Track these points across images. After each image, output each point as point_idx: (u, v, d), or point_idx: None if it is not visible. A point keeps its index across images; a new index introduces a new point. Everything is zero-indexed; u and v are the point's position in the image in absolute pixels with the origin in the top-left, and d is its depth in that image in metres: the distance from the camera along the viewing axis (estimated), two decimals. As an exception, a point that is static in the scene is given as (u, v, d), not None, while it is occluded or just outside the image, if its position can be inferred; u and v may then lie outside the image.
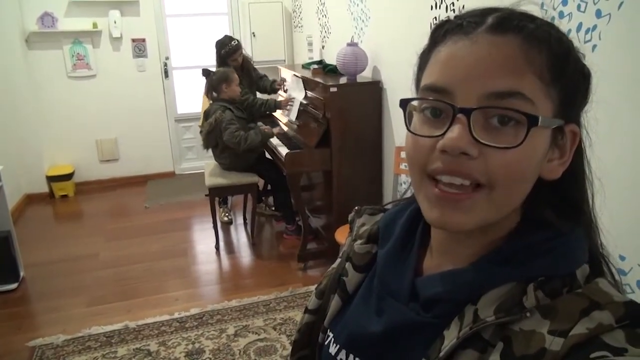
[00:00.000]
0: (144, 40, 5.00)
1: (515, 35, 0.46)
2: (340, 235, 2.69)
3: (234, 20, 5.36)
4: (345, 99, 3.07)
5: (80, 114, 4.94)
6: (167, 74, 5.22)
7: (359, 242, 0.66)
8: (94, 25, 4.78)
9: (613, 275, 0.53)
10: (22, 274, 3.21)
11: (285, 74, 4.12)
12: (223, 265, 3.49)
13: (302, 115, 3.52)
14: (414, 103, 0.51)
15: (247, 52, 4.19)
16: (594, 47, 1.49)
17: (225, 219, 4.12)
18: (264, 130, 3.48)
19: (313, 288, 0.72)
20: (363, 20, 3.32)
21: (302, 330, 0.70)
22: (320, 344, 0.65)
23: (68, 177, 4.86)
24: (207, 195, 3.70)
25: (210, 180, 3.57)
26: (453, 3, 2.26)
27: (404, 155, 2.24)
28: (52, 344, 2.56)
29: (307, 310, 0.70)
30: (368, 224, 0.69)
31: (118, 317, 2.79)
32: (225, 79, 3.51)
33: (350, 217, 0.74)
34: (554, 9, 1.64)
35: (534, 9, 0.50)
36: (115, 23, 4.82)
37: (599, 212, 0.55)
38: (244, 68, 3.97)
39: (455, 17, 0.51)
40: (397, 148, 2.86)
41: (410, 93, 0.55)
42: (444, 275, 0.53)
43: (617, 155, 1.44)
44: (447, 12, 2.32)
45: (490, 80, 0.45)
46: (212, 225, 3.65)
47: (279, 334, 2.60)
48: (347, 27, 3.60)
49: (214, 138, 3.50)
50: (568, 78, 0.48)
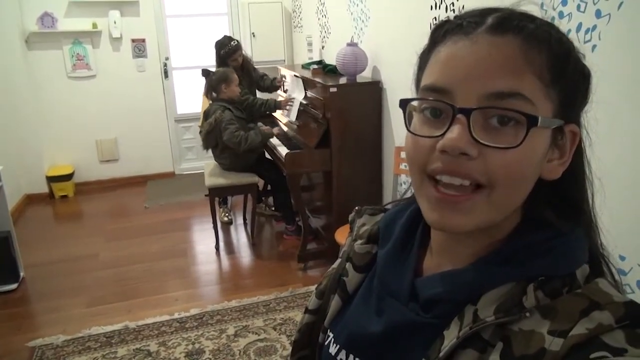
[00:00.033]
0: (144, 41, 5.01)
1: (515, 36, 0.46)
2: (340, 236, 2.69)
3: (234, 21, 5.36)
4: (345, 99, 3.07)
5: (80, 114, 4.94)
6: (166, 74, 5.22)
7: (359, 242, 0.66)
8: (94, 26, 4.78)
9: (613, 276, 0.53)
10: (22, 275, 3.21)
11: (285, 74, 4.12)
12: (223, 266, 3.49)
13: (302, 116, 3.52)
14: (414, 103, 0.51)
15: (246, 52, 4.19)
16: (594, 47, 1.49)
17: (225, 219, 4.12)
18: (264, 131, 3.49)
19: (313, 288, 0.72)
20: (363, 21, 3.32)
21: (302, 330, 0.70)
22: (321, 344, 0.65)
23: (68, 177, 4.86)
24: (207, 196, 3.70)
25: (210, 181, 3.57)
26: (453, 3, 2.27)
27: (404, 156, 2.24)
28: (52, 345, 2.56)
29: (307, 311, 0.70)
30: (368, 224, 0.69)
31: (118, 317, 2.79)
32: (225, 79, 3.51)
33: (351, 217, 0.74)
34: (554, 9, 1.64)
35: (534, 9, 0.50)
36: (115, 23, 4.82)
37: (599, 211, 0.55)
38: (244, 68, 3.97)
39: (455, 17, 0.51)
40: (397, 148, 2.86)
41: (410, 93, 0.55)
42: (444, 276, 0.53)
43: (617, 155, 1.44)
44: (447, 12, 2.32)
45: (490, 81, 0.45)
46: (212, 226, 3.65)
47: (279, 334, 2.60)
48: (346, 27, 3.60)
49: (214, 138, 3.50)
50: (568, 78, 0.48)
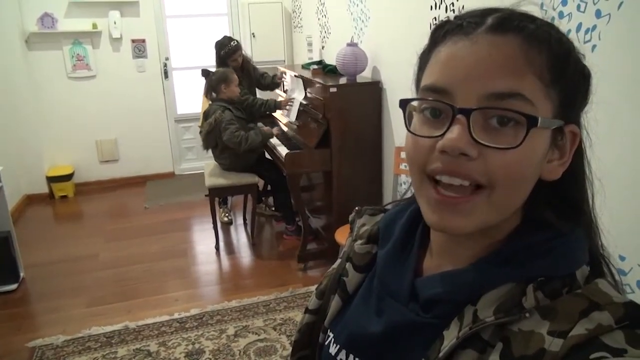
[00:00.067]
0: (144, 41, 5.00)
1: (516, 36, 0.46)
2: (340, 236, 2.69)
3: (234, 21, 5.36)
4: (345, 99, 3.07)
5: (80, 115, 4.94)
6: (166, 75, 5.21)
7: (359, 242, 0.66)
8: (94, 26, 4.78)
9: (613, 276, 0.53)
10: (22, 275, 3.21)
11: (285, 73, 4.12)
12: (223, 266, 3.49)
13: (302, 116, 3.52)
14: (414, 103, 0.51)
15: (246, 52, 4.19)
16: (594, 47, 1.49)
17: (225, 220, 4.12)
18: (264, 131, 3.49)
19: (313, 288, 0.72)
20: (363, 21, 3.32)
21: (302, 331, 0.70)
22: (321, 344, 0.65)
23: (68, 177, 4.86)
24: (207, 196, 3.70)
25: (210, 181, 3.57)
26: (453, 3, 2.26)
27: (404, 156, 2.24)
28: (52, 345, 2.56)
29: (307, 311, 0.70)
30: (368, 225, 0.69)
31: (118, 317, 2.79)
32: (225, 80, 3.51)
33: (351, 217, 0.74)
34: (554, 9, 1.64)
35: (534, 9, 0.50)
36: (115, 24, 4.82)
37: (599, 212, 0.55)
38: (244, 68, 3.97)
39: (455, 17, 0.51)
40: (397, 148, 2.86)
41: (410, 93, 0.55)
42: (444, 276, 0.53)
43: (617, 156, 1.44)
44: (447, 12, 2.32)
45: (490, 81, 0.45)
46: (212, 226, 3.65)
47: (279, 335, 2.60)
48: (346, 27, 3.60)
49: (214, 138, 3.50)
50: (568, 79, 0.48)
